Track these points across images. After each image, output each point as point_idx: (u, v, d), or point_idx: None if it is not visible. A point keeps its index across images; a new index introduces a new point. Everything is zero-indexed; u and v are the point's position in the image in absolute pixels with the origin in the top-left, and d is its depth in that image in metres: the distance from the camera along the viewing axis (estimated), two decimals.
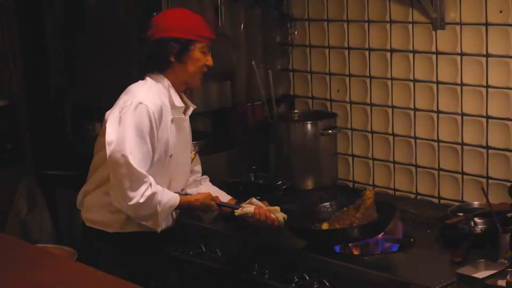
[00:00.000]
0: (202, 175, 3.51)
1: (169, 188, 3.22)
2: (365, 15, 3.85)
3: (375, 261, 3.11)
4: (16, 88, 4.79)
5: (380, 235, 3.18)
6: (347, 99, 4.00)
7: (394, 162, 3.85)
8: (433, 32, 3.59)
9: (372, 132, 3.92)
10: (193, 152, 3.42)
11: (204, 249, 3.51)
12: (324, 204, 3.39)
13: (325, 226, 3.23)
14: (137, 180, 3.05)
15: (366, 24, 3.86)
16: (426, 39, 3.63)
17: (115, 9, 4.10)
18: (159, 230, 3.19)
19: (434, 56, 3.61)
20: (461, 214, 3.23)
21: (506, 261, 2.85)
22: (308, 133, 3.89)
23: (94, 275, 2.50)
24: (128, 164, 3.02)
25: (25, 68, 4.81)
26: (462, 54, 3.52)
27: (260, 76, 4.02)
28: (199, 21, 3.26)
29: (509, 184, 3.30)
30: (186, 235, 3.59)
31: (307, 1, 4.11)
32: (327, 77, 4.08)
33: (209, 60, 3.26)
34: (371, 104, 3.90)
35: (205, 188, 3.44)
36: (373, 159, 3.94)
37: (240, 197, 3.40)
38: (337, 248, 3.19)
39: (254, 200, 3.27)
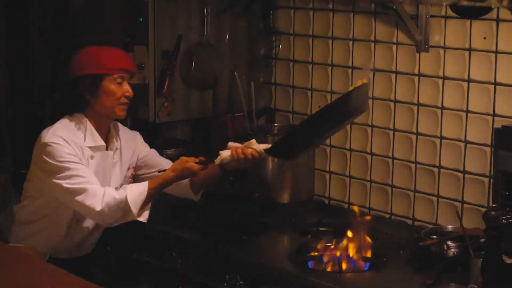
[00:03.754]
0: None
1: None
2: (350, 33, 3.87)
3: (347, 279, 3.12)
4: None
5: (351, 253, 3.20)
6: None
7: (371, 181, 3.86)
8: (417, 54, 3.62)
9: (350, 150, 3.93)
10: (129, 180, 3.44)
11: (175, 257, 3.50)
12: None
13: None
14: (74, 195, 3.15)
15: (351, 42, 3.87)
16: (410, 61, 3.65)
17: (101, 12, 4.09)
18: (138, 217, 3.19)
19: (417, 78, 3.63)
20: (434, 236, 3.24)
21: (476, 286, 2.86)
22: None
23: (65, 277, 2.48)
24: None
25: (10, 69, 4.78)
26: (444, 78, 3.54)
27: (242, 87, 4.03)
28: (110, 55, 3.30)
29: (483, 209, 3.31)
30: (158, 241, 3.58)
31: (293, 16, 4.12)
32: (309, 93, 4.09)
33: (128, 91, 3.28)
34: (351, 122, 3.91)
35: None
36: (350, 176, 3.95)
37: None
38: (309, 264, 3.20)
39: (230, 143, 3.25)
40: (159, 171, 3.32)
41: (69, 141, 3.20)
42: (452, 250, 3.11)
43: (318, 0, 3.95)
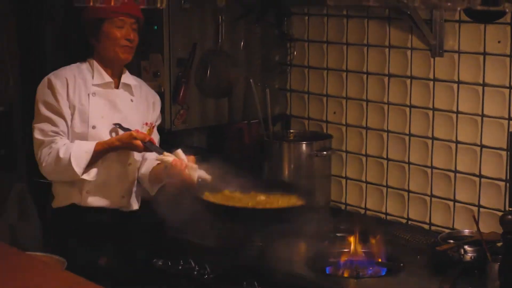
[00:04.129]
0: None
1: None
2: (364, 38, 3.87)
3: (365, 284, 3.12)
4: (12, 94, 4.79)
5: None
6: (343, 122, 4.01)
7: (387, 186, 3.86)
8: (431, 59, 3.62)
9: (366, 155, 3.93)
10: (148, 128, 3.49)
11: (193, 264, 3.51)
12: None
13: None
14: (37, 146, 3.36)
15: (365, 48, 3.88)
16: (424, 66, 3.65)
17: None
18: (80, 175, 3.28)
19: (431, 82, 3.63)
20: (451, 241, 3.24)
21: None
22: (303, 154, 3.90)
23: (83, 285, 2.49)
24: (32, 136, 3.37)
25: (23, 75, 4.81)
26: (459, 82, 3.54)
27: (257, 94, 4.03)
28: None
29: (500, 213, 3.30)
30: (175, 249, 3.59)
31: (308, 22, 4.13)
32: (324, 99, 4.09)
33: (129, 34, 3.38)
34: (367, 128, 3.91)
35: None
36: (366, 182, 3.95)
37: None
38: (327, 270, 3.20)
39: (178, 151, 3.32)
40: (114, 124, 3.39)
41: (69, 83, 3.35)
42: (469, 254, 3.10)
43: (332, 7, 3.95)
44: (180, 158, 3.30)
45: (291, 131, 4.19)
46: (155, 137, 3.50)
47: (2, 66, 4.79)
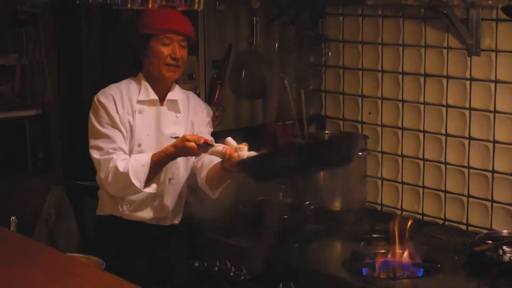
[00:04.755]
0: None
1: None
2: (400, 38, 3.85)
3: (402, 285, 3.10)
4: (50, 97, 4.85)
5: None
6: (379, 122, 4.00)
7: (423, 187, 3.83)
8: (468, 58, 3.59)
9: (402, 156, 3.91)
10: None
11: (229, 265, 3.51)
12: None
13: None
14: (97, 165, 3.32)
15: (401, 48, 3.86)
16: (461, 65, 3.62)
17: None
18: (142, 189, 3.25)
19: (468, 82, 3.61)
20: (489, 241, 3.21)
21: None
22: None
23: (123, 286, 2.51)
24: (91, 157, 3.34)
25: (60, 78, 4.86)
26: (496, 82, 3.51)
27: (292, 95, 4.03)
28: (161, 15, 3.34)
29: None
30: (212, 250, 3.60)
31: (342, 23, 4.12)
32: (359, 99, 4.08)
33: (175, 52, 3.33)
34: (403, 128, 3.89)
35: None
36: (402, 183, 3.93)
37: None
38: (364, 271, 3.19)
39: (228, 139, 3.20)
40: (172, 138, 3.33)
41: (117, 100, 3.33)
42: (508, 255, 3.07)
43: (367, 7, 3.94)
44: (230, 145, 3.19)
45: (326, 132, 4.19)
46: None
47: (40, 70, 4.85)
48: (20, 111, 4.73)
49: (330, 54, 4.20)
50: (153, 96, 3.38)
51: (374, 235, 3.58)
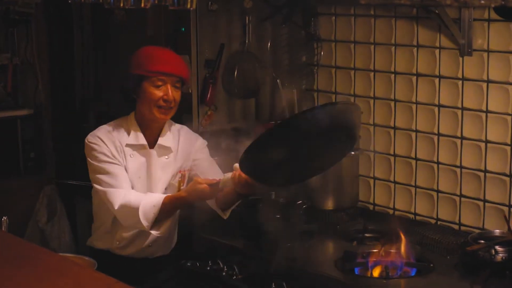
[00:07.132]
0: None
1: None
2: (392, 38, 3.86)
3: (394, 285, 3.10)
4: (41, 97, 4.84)
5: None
6: (371, 122, 4.00)
7: (416, 187, 3.84)
8: (460, 58, 3.59)
9: (394, 155, 3.92)
10: (178, 180, 3.44)
11: (221, 265, 3.51)
12: None
13: None
14: (102, 194, 3.29)
15: (393, 48, 3.86)
16: (453, 65, 3.63)
17: (143, 23, 4.13)
18: (149, 229, 3.23)
19: (460, 82, 3.61)
20: (482, 241, 3.21)
21: None
22: None
23: (114, 285, 2.50)
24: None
25: (52, 78, 4.85)
26: (488, 81, 3.51)
27: (284, 95, 4.03)
28: (153, 56, 3.33)
29: None
30: (204, 249, 3.59)
31: (335, 23, 4.12)
32: (352, 99, 4.08)
33: (167, 95, 3.30)
34: (395, 128, 3.90)
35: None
36: (395, 182, 3.93)
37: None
38: (356, 270, 3.19)
39: (235, 165, 3.16)
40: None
41: (105, 141, 3.30)
42: (500, 254, 3.08)
43: (360, 6, 3.94)
44: (238, 170, 3.13)
45: None
46: (216, 174, 3.37)
47: (31, 70, 4.84)
48: (11, 111, 4.72)
49: (322, 53, 4.20)
50: (142, 141, 3.36)
51: (367, 235, 3.59)
